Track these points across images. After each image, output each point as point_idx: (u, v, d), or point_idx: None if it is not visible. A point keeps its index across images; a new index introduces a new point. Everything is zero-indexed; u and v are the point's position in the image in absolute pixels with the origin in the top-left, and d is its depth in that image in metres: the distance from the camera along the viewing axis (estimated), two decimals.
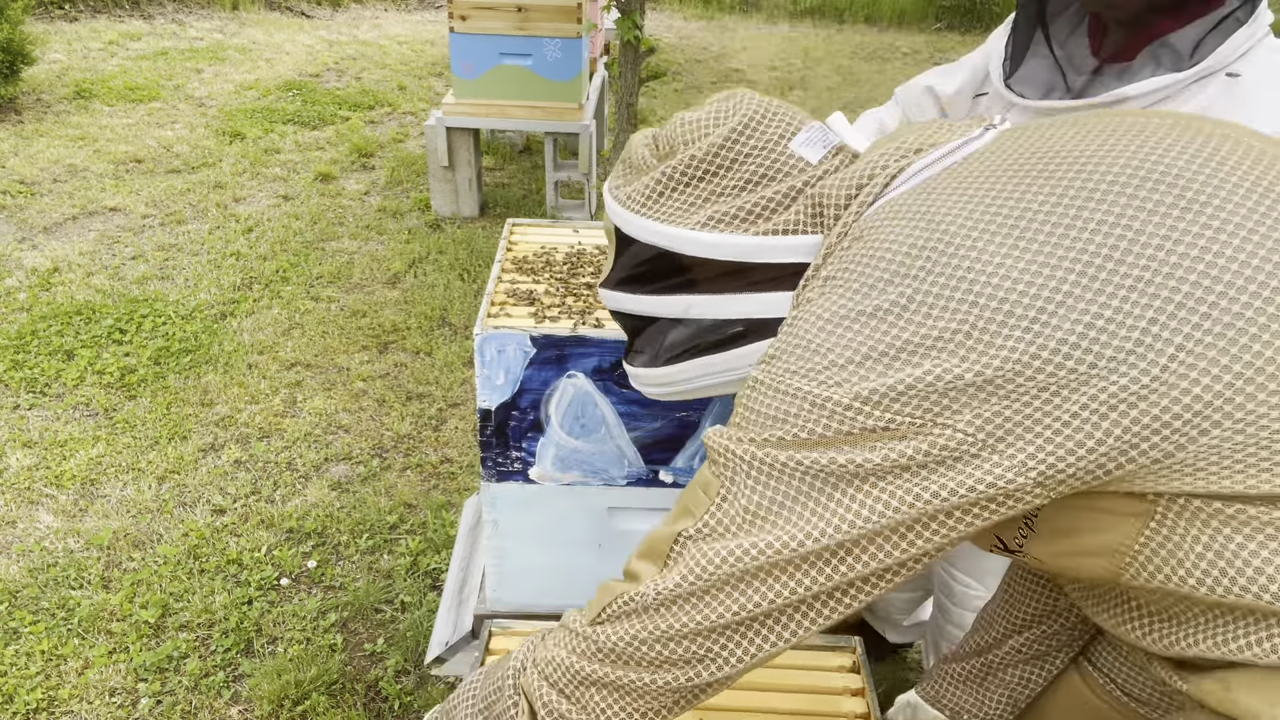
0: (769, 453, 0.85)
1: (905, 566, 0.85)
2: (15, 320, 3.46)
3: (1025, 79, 1.41)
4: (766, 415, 0.86)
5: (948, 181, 0.88)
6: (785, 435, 0.85)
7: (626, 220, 1.05)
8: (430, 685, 2.12)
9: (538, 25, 4.19)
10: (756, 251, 0.99)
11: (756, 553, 0.85)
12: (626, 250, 1.07)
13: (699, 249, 1.00)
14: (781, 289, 1.00)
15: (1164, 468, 0.77)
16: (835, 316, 0.85)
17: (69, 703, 2.06)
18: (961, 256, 0.80)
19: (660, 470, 1.52)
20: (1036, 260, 0.78)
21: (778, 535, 0.84)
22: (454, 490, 2.77)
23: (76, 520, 2.58)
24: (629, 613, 0.91)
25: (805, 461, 0.83)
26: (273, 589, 2.38)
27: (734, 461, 0.87)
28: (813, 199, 0.97)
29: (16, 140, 5.13)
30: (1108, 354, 0.75)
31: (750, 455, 0.86)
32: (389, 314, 3.67)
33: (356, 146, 5.32)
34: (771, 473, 0.85)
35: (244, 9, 8.49)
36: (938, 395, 0.78)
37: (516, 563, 1.62)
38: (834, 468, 0.82)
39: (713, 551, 0.87)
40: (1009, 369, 0.77)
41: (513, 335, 1.41)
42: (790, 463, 0.84)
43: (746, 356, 1.05)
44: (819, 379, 0.83)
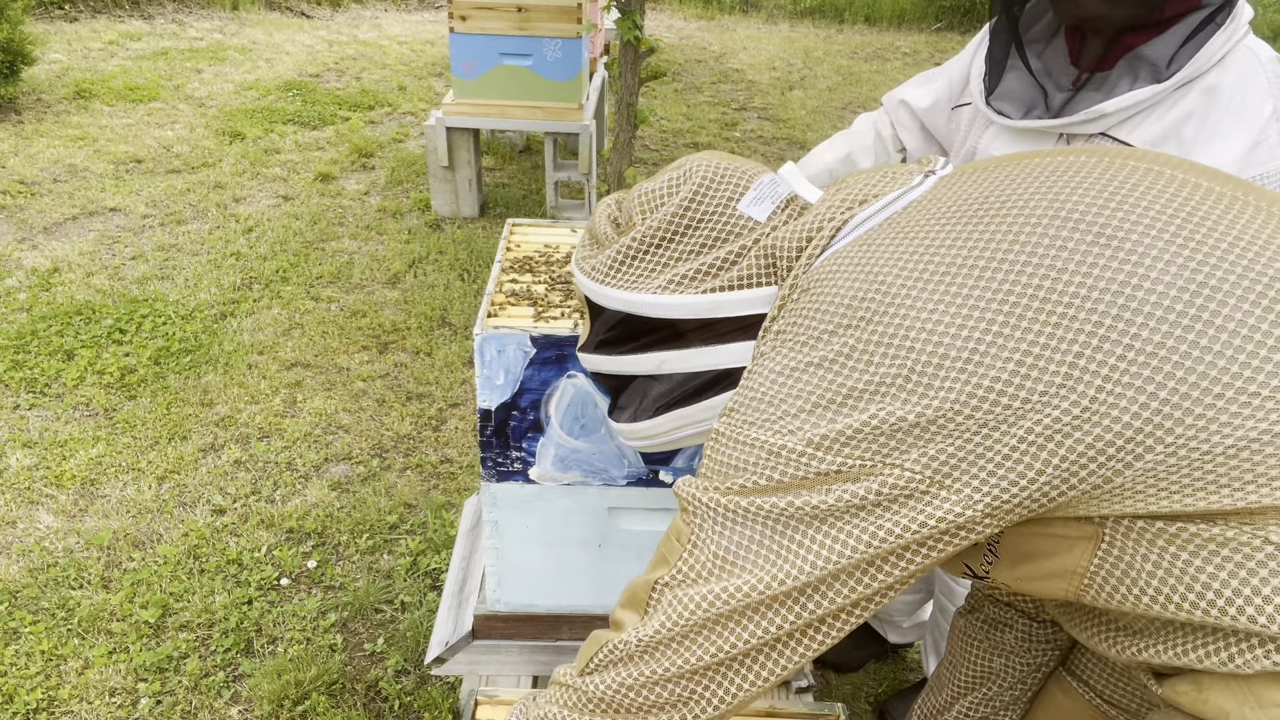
0: (733, 500, 0.89)
1: (873, 600, 0.89)
2: (15, 320, 3.46)
3: (1006, 96, 1.40)
4: (728, 465, 0.91)
5: (887, 232, 0.93)
6: (746, 483, 0.89)
7: (594, 290, 1.11)
8: (430, 685, 2.12)
9: (538, 25, 4.19)
10: (716, 307, 1.04)
11: (728, 597, 0.88)
12: (599, 317, 1.13)
13: (661, 311, 1.06)
14: (745, 339, 1.06)
15: (1104, 492, 0.81)
16: (785, 369, 0.90)
17: (69, 703, 2.06)
18: (898, 305, 0.84)
19: (660, 470, 1.52)
20: (966, 305, 0.82)
21: (746, 579, 0.88)
22: (454, 490, 2.77)
23: (76, 520, 2.58)
24: (614, 661, 0.95)
25: (765, 506, 0.87)
26: (273, 589, 2.38)
27: (701, 509, 0.91)
28: (764, 250, 1.02)
29: (16, 140, 5.13)
30: (1039, 389, 0.78)
31: (715, 503, 0.90)
32: (389, 314, 3.67)
33: (356, 146, 5.32)
34: (736, 519, 0.89)
35: (244, 9, 8.49)
36: (885, 437, 0.82)
37: (516, 563, 1.62)
38: (792, 510, 0.86)
39: (687, 598, 0.90)
40: (948, 409, 0.80)
41: (513, 335, 1.41)
42: (752, 508, 0.87)
43: (717, 406, 1.10)
44: (774, 429, 0.88)
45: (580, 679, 0.97)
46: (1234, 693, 0.86)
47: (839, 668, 2.22)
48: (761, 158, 5.71)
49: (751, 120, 6.50)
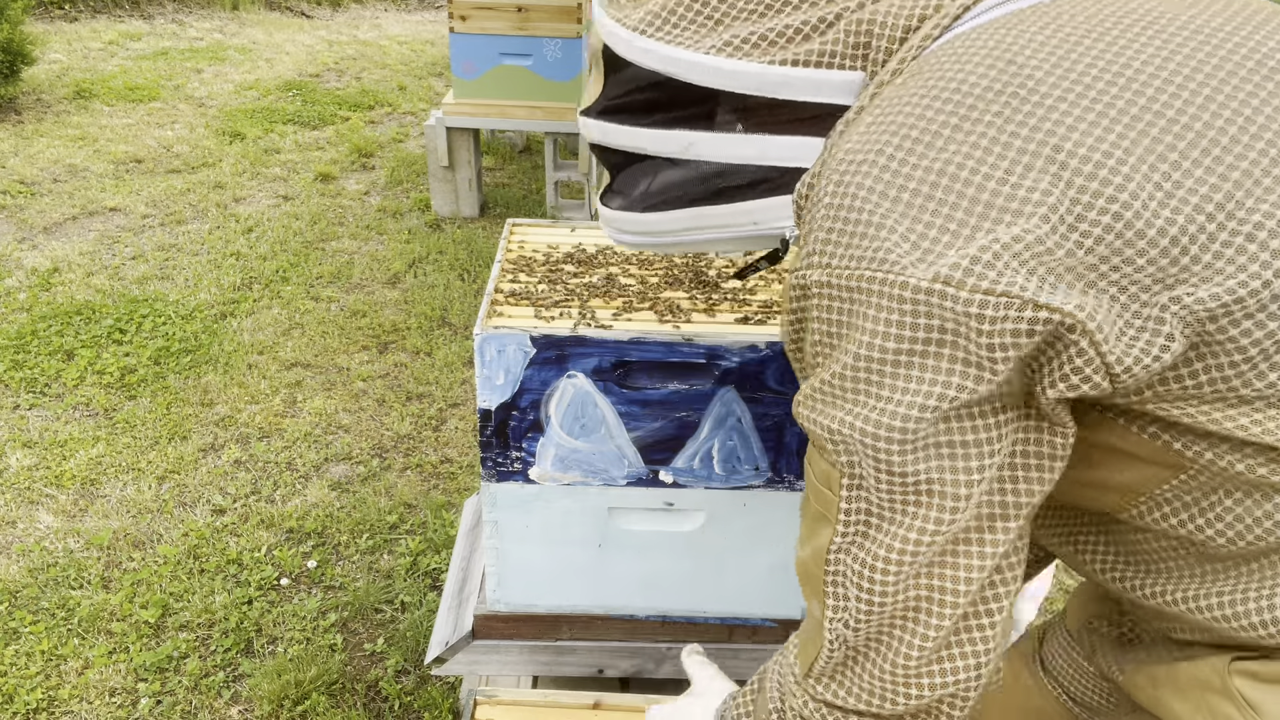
0: (874, 411, 0.72)
1: (1052, 473, 0.76)
2: (15, 320, 3.46)
3: None
4: (841, 334, 0.73)
5: (1036, 20, 0.74)
6: (872, 364, 0.71)
7: (621, 39, 0.87)
8: (430, 685, 2.12)
9: (538, 25, 4.19)
10: (784, 84, 0.83)
11: (930, 531, 0.74)
12: (617, 74, 0.90)
13: (711, 77, 0.84)
14: (808, 133, 0.85)
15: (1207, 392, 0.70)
16: (889, 178, 0.70)
17: (69, 703, 2.06)
18: (1049, 109, 0.68)
19: (660, 470, 1.52)
20: (1135, 129, 0.67)
21: (935, 500, 0.73)
22: (454, 490, 2.77)
23: (76, 520, 2.58)
24: (837, 669, 0.82)
25: (917, 399, 0.70)
26: (273, 589, 2.38)
27: (843, 440, 0.74)
28: (858, 25, 0.81)
29: (16, 140, 5.13)
30: (1208, 255, 0.65)
31: (858, 426, 0.73)
32: (389, 314, 3.67)
33: (356, 146, 5.32)
34: (892, 438, 0.72)
35: (244, 9, 8.49)
36: (1027, 269, 0.66)
37: (516, 563, 1.62)
38: (949, 405, 0.70)
39: (874, 555, 0.76)
40: (1102, 249, 0.66)
41: (513, 335, 1.41)
42: (901, 410, 0.71)
43: (754, 213, 0.90)
44: (887, 263, 0.69)
45: (816, 685, 0.84)
46: (1187, 698, 0.85)
47: None
48: None
49: None
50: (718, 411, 1.47)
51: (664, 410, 1.46)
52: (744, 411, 1.47)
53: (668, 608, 1.66)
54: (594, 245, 1.72)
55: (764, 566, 1.61)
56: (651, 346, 1.41)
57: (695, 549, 1.59)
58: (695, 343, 1.41)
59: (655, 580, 1.63)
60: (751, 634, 1.69)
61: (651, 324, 1.45)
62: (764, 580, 1.63)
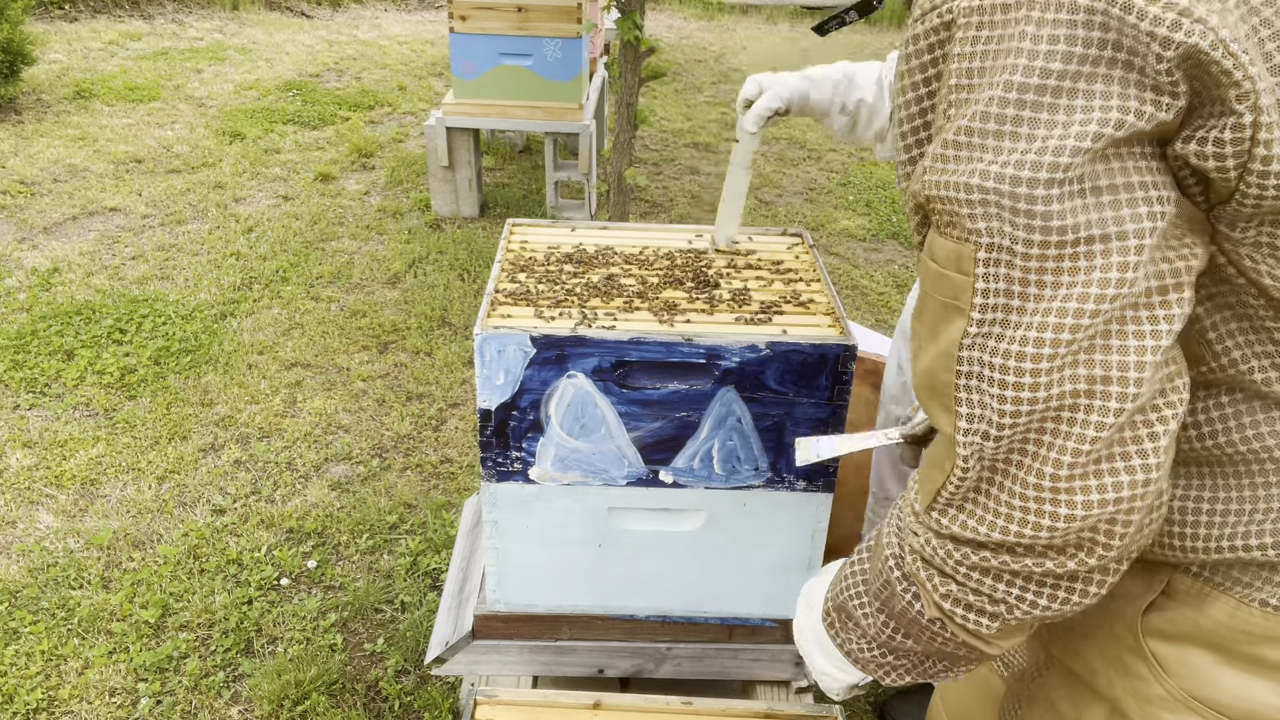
0: (1025, 154, 0.65)
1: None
2: (15, 320, 3.46)
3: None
4: (988, 66, 0.66)
5: None
6: (1027, 92, 0.64)
7: None
8: (430, 685, 2.12)
9: (538, 25, 4.19)
10: None
11: (1093, 298, 0.65)
12: None
13: None
14: None
15: None
16: None
17: (69, 703, 2.06)
18: None
19: (660, 470, 1.52)
20: None
21: (1099, 259, 0.65)
22: (454, 490, 2.77)
23: (76, 520, 2.58)
24: (968, 495, 0.73)
25: (1076, 139, 0.64)
26: (273, 589, 2.38)
27: (983, 196, 0.66)
28: None
29: (16, 140, 5.13)
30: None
31: (1006, 174, 0.65)
32: (389, 314, 3.67)
33: (356, 146, 5.32)
34: (1051, 180, 0.64)
35: (244, 9, 8.49)
36: (1217, 8, 0.62)
37: (516, 563, 1.62)
38: (1118, 133, 0.64)
39: (1019, 340, 0.67)
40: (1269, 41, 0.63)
41: (513, 335, 1.41)
42: (1058, 151, 0.64)
43: None
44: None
45: (935, 519, 0.76)
46: (1102, 651, 0.86)
47: None
48: (761, 158, 5.72)
49: None
50: (718, 411, 1.47)
51: (664, 410, 1.46)
52: (744, 411, 1.47)
53: (668, 608, 1.66)
54: (594, 245, 1.72)
55: (764, 566, 1.61)
56: (651, 346, 1.41)
57: (695, 549, 1.59)
58: (695, 343, 1.41)
59: (655, 580, 1.63)
60: (751, 634, 1.69)
61: (651, 324, 1.45)
62: (764, 580, 1.63)
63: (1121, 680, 0.86)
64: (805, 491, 1.54)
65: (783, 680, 1.73)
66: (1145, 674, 0.84)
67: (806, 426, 1.48)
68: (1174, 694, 0.83)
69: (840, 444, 1.32)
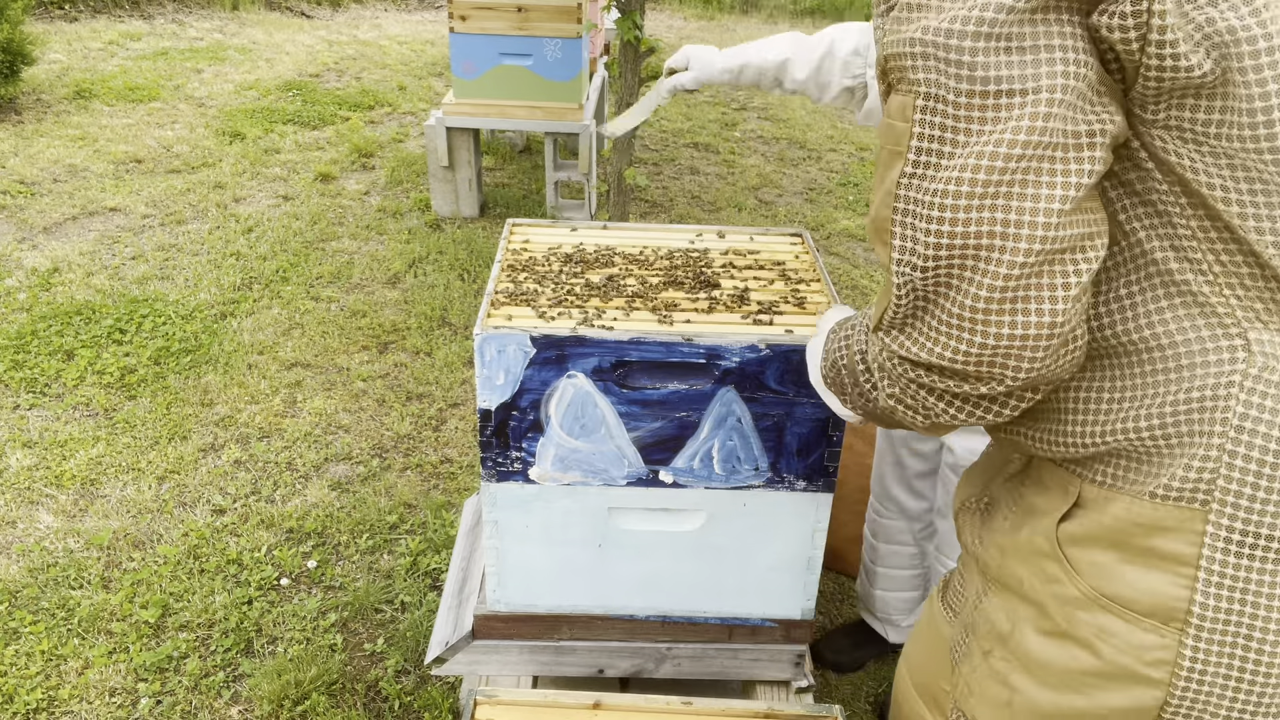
0: (959, 8, 0.74)
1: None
2: (15, 320, 3.46)
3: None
4: None
5: None
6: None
7: None
8: (430, 685, 2.12)
9: (538, 25, 4.19)
10: None
11: (1006, 143, 0.74)
12: None
13: None
14: None
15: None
16: None
17: (69, 703, 2.06)
18: None
19: (660, 470, 1.52)
20: None
21: (1014, 109, 0.74)
22: (454, 490, 2.77)
23: (76, 520, 2.58)
24: (906, 319, 0.84)
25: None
26: (273, 589, 2.38)
27: (923, 48, 0.76)
28: None
29: (16, 140, 5.13)
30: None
31: (942, 27, 0.75)
32: (389, 314, 3.67)
33: (356, 146, 5.32)
34: (979, 33, 0.74)
35: (244, 9, 8.49)
36: None
37: (516, 563, 1.62)
38: None
39: (945, 179, 0.76)
40: None
41: (513, 335, 1.41)
42: (986, 5, 0.74)
43: None
44: None
45: (886, 339, 0.87)
46: (1026, 562, 0.97)
47: (838, 668, 2.22)
48: (761, 158, 5.72)
49: (751, 120, 6.50)
50: (718, 411, 1.47)
51: (664, 410, 1.46)
52: (744, 411, 1.47)
53: (668, 608, 1.66)
54: (594, 245, 1.72)
55: (764, 566, 1.61)
56: (651, 346, 1.41)
57: (695, 549, 1.60)
58: (695, 343, 1.41)
59: (655, 580, 1.63)
60: (751, 634, 1.69)
61: (651, 324, 1.45)
62: (764, 580, 1.63)
63: (1044, 586, 0.94)
64: (805, 491, 1.54)
65: (783, 680, 1.73)
66: (1061, 576, 0.92)
67: (806, 426, 1.48)
68: (1086, 593, 0.91)
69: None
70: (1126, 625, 0.88)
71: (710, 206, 4.94)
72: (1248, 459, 0.81)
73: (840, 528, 2.40)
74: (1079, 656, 0.92)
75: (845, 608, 2.44)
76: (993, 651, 1.02)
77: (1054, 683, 0.95)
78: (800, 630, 1.69)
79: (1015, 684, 0.99)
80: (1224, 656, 0.85)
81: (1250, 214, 0.78)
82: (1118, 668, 0.89)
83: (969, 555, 1.15)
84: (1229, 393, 0.81)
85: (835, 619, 2.40)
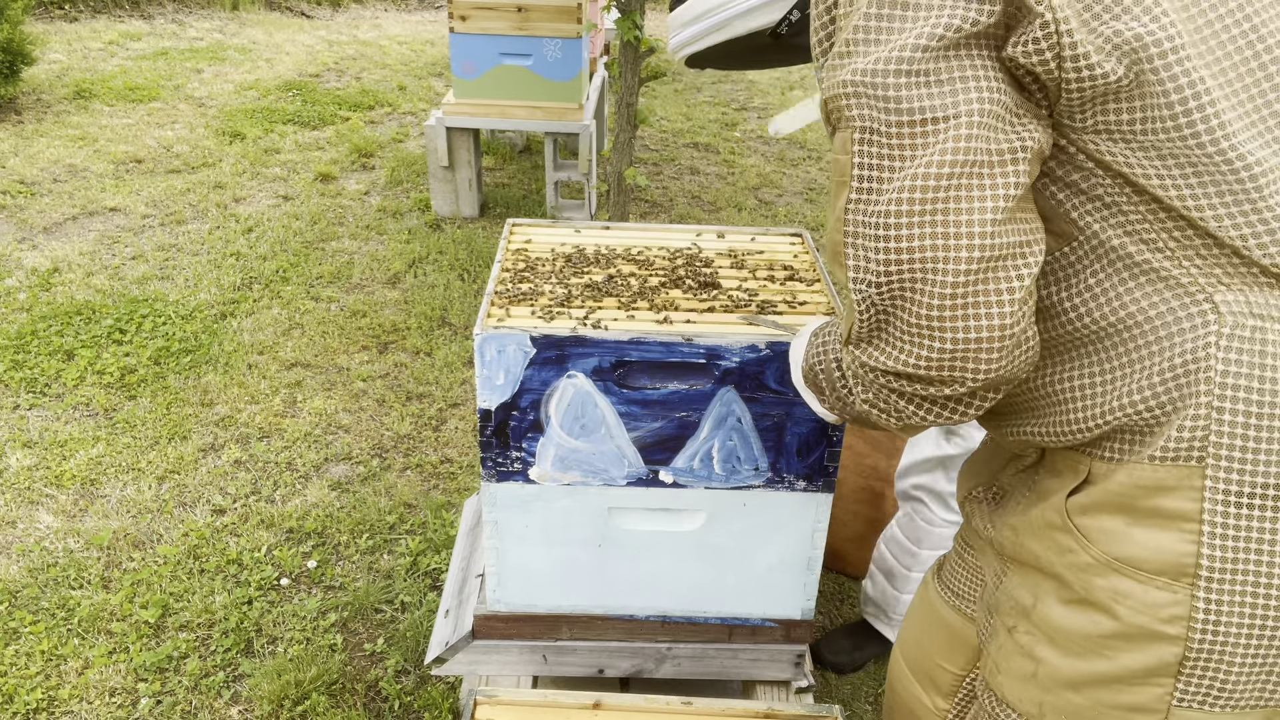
0: (885, 50, 0.84)
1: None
2: (15, 320, 3.46)
3: None
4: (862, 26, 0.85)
5: None
6: (883, 7, 0.84)
7: None
8: (430, 685, 2.12)
9: (538, 25, 4.19)
10: None
11: (936, 163, 0.82)
12: None
13: None
14: None
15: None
16: None
17: (69, 703, 2.06)
18: None
19: (660, 470, 1.52)
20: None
21: (939, 134, 0.82)
22: (454, 490, 2.77)
23: (76, 520, 2.58)
24: (870, 334, 0.90)
25: (920, 37, 0.82)
26: (273, 589, 2.38)
27: (855, 87, 0.85)
28: None
29: (16, 140, 5.13)
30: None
31: (870, 68, 0.84)
32: (389, 314, 3.67)
33: (356, 146, 5.32)
34: (901, 70, 0.83)
35: (244, 9, 8.49)
36: None
37: (516, 563, 1.62)
38: (951, 35, 0.82)
39: (888, 199, 0.84)
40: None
41: (513, 335, 1.41)
42: (903, 54, 0.83)
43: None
44: None
45: (855, 351, 0.94)
46: (1043, 541, 1.01)
47: (838, 669, 2.22)
48: (761, 158, 5.72)
49: (751, 120, 6.50)
50: (718, 411, 1.47)
51: (664, 410, 1.46)
52: (744, 411, 1.47)
53: (668, 608, 1.66)
54: (594, 245, 1.72)
55: (764, 566, 1.61)
56: (651, 346, 1.41)
57: (695, 549, 1.60)
58: (695, 343, 1.41)
59: (655, 580, 1.63)
60: (751, 634, 1.69)
61: (651, 324, 1.45)
62: (764, 580, 1.63)
63: (1059, 557, 0.99)
64: (805, 491, 1.54)
65: (783, 680, 1.73)
66: (1074, 546, 0.97)
67: (806, 426, 1.48)
68: (1099, 558, 0.95)
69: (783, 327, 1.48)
70: (1140, 586, 0.92)
71: (710, 206, 4.95)
72: (1234, 413, 0.86)
73: (840, 528, 2.40)
74: (1099, 621, 0.95)
75: (845, 608, 2.44)
76: (1017, 627, 1.06)
77: (1077, 649, 0.98)
78: (800, 630, 1.69)
79: (1040, 655, 1.02)
80: (1236, 606, 0.89)
81: (1188, 195, 0.85)
82: (1135, 628, 0.93)
83: (981, 540, 1.19)
84: (1207, 354, 0.86)
85: (835, 619, 2.40)
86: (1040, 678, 1.02)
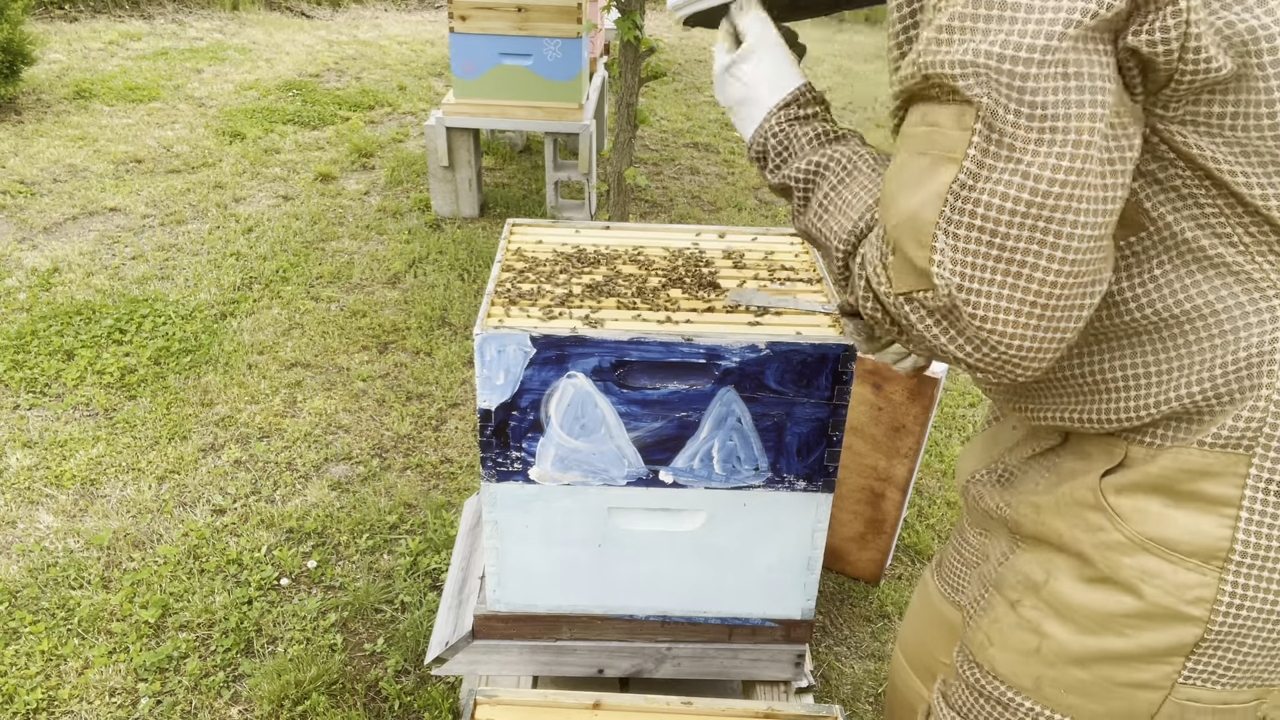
0: (1011, 34, 0.78)
1: None
2: (15, 320, 3.46)
3: None
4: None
5: None
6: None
7: None
8: (430, 685, 2.12)
9: (538, 25, 4.19)
10: None
11: (1050, 167, 0.78)
12: None
13: None
14: None
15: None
16: None
17: (69, 703, 2.06)
18: None
19: (660, 470, 1.52)
20: None
21: (1059, 135, 0.78)
22: (454, 490, 2.77)
23: (76, 520, 2.58)
24: (942, 318, 0.86)
25: (1055, 24, 0.77)
26: (273, 589, 2.38)
27: (974, 70, 0.79)
28: None
29: (16, 140, 5.13)
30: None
31: (994, 51, 0.78)
32: (389, 314, 3.67)
33: (356, 146, 5.32)
34: (1031, 59, 0.77)
35: (244, 9, 8.49)
36: None
37: (516, 563, 1.62)
38: (1089, 22, 0.76)
39: (988, 198, 0.80)
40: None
41: (513, 335, 1.41)
42: (1041, 34, 0.77)
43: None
44: None
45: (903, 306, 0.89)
46: (1065, 517, 1.01)
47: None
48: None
49: None
50: (718, 411, 1.47)
51: (664, 410, 1.46)
52: (744, 411, 1.47)
53: (668, 608, 1.66)
54: (594, 245, 1.72)
55: (764, 566, 1.61)
56: (651, 346, 1.41)
57: (695, 549, 1.60)
58: (695, 343, 1.41)
59: (655, 580, 1.63)
60: (751, 634, 1.69)
61: (651, 324, 1.45)
62: (764, 580, 1.63)
63: (1086, 535, 0.99)
64: (805, 491, 1.54)
65: (783, 680, 1.73)
66: (1105, 524, 0.97)
67: (806, 426, 1.48)
68: (1131, 538, 0.95)
69: (772, 299, 1.49)
70: (1171, 566, 0.93)
71: (710, 206, 4.94)
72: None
73: (840, 528, 2.40)
74: (1122, 600, 0.97)
75: (845, 608, 2.44)
76: (1022, 601, 1.06)
77: (1091, 627, 0.99)
78: (800, 630, 1.69)
79: (1046, 630, 1.03)
80: (1260, 592, 0.91)
81: (1272, 195, 0.84)
82: (1160, 608, 0.94)
83: (993, 521, 1.19)
84: (1274, 347, 0.88)
85: (835, 619, 2.40)
86: (1044, 652, 1.03)
